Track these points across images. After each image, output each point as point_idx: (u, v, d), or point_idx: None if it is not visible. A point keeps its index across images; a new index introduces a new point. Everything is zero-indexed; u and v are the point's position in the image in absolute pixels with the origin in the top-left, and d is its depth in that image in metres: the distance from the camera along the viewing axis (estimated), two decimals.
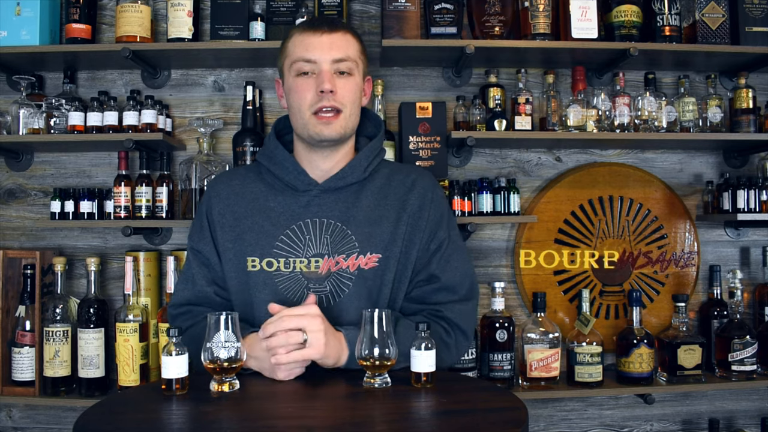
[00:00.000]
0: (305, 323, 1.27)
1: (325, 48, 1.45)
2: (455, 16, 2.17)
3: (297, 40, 1.48)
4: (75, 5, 2.12)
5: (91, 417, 1.10)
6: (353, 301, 1.45)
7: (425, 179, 1.57)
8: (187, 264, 1.56)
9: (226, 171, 1.75)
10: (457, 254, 1.54)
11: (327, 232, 1.47)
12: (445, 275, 1.50)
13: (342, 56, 1.46)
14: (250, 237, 1.49)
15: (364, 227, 1.48)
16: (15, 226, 2.32)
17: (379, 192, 1.52)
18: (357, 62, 1.49)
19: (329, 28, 1.47)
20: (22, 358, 2.06)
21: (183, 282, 1.55)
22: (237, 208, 1.52)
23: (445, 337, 1.46)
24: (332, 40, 1.46)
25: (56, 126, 2.12)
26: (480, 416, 1.11)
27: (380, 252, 1.47)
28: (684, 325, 2.17)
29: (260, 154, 1.58)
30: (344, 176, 1.51)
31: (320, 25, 1.47)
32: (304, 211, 1.49)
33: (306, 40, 1.46)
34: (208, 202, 1.56)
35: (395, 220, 1.49)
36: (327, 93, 1.43)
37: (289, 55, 1.49)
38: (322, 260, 1.46)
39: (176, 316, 1.54)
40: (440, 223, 1.54)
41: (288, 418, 1.09)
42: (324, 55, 1.45)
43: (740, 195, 2.23)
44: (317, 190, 1.50)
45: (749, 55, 2.21)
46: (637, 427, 2.40)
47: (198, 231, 1.55)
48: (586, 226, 2.36)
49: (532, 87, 2.32)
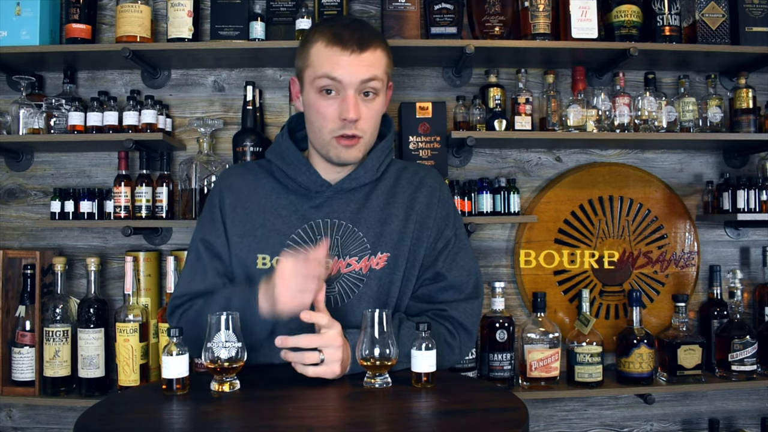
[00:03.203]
0: (324, 344, 1.26)
1: (352, 69, 1.37)
2: (455, 16, 2.17)
3: (323, 53, 1.39)
4: (75, 5, 2.12)
5: (91, 417, 1.10)
6: (363, 300, 1.45)
7: (432, 177, 1.57)
8: (195, 255, 1.51)
9: (238, 164, 1.69)
10: (463, 253, 1.54)
11: (338, 233, 1.46)
12: (451, 274, 1.50)
13: (370, 76, 1.39)
14: (261, 234, 1.47)
15: (375, 227, 1.47)
16: (15, 226, 2.32)
17: (389, 191, 1.52)
18: (383, 80, 1.43)
19: (359, 48, 1.38)
20: (22, 358, 2.06)
21: (191, 273, 1.50)
22: (249, 203, 1.50)
23: (449, 338, 1.46)
24: (361, 60, 1.38)
25: (56, 126, 2.12)
26: (480, 416, 1.11)
27: (389, 251, 1.47)
28: (684, 325, 2.17)
29: (271, 152, 1.54)
30: (357, 177, 1.49)
31: (350, 43, 1.38)
32: (316, 211, 1.48)
33: (333, 56, 1.38)
34: (219, 194, 1.53)
35: (404, 218, 1.49)
36: (350, 122, 1.39)
37: (312, 65, 1.41)
38: (332, 261, 1.45)
39: (178, 306, 1.48)
40: (447, 221, 1.54)
41: (288, 418, 1.09)
42: (351, 77, 1.37)
43: (740, 195, 2.23)
44: (330, 192, 1.49)
45: (749, 55, 2.21)
46: (637, 427, 2.40)
47: (209, 222, 1.51)
48: (586, 226, 2.36)
49: (532, 87, 2.32)
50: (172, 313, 1.49)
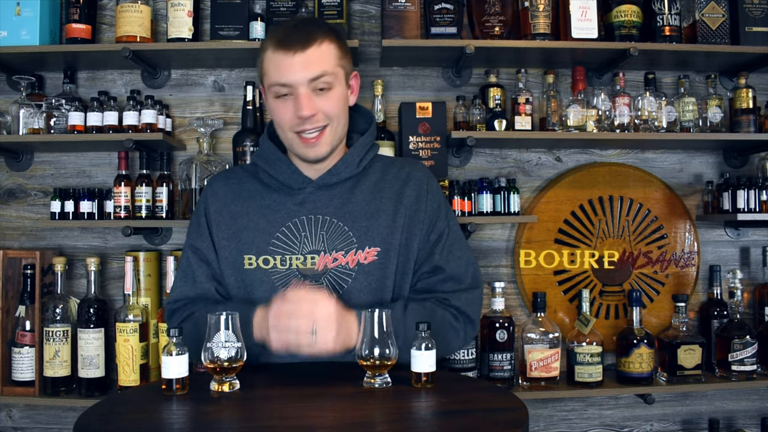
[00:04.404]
0: (316, 312, 1.27)
1: (298, 69, 1.40)
2: (455, 16, 2.17)
3: (270, 60, 1.43)
4: (75, 5, 2.12)
5: (91, 417, 1.10)
6: (356, 295, 1.46)
7: (419, 171, 1.58)
8: (185, 261, 1.56)
9: (224, 170, 1.76)
10: (459, 243, 1.55)
11: (323, 229, 1.48)
12: (449, 266, 1.51)
13: (318, 73, 1.41)
14: (246, 235, 1.50)
15: (361, 222, 1.49)
16: (15, 226, 2.32)
17: (374, 186, 1.53)
18: (336, 72, 1.44)
19: (301, 45, 1.40)
20: (22, 358, 2.06)
21: (182, 279, 1.55)
22: (234, 207, 1.53)
23: (453, 322, 1.48)
24: (306, 58, 1.40)
25: (56, 126, 2.12)
26: (480, 416, 1.11)
27: (379, 245, 1.48)
28: (684, 325, 2.17)
29: (255, 155, 1.60)
30: (338, 172, 1.51)
31: (291, 43, 1.40)
32: (299, 208, 1.50)
33: (279, 61, 1.41)
34: (205, 201, 1.57)
35: (393, 213, 1.50)
36: (305, 119, 1.42)
37: (267, 73, 1.45)
38: (318, 257, 1.46)
39: (175, 310, 1.54)
40: (438, 212, 1.55)
41: (288, 418, 1.09)
42: (298, 77, 1.40)
43: (740, 195, 2.23)
44: (312, 188, 1.51)
45: (749, 55, 2.21)
46: (637, 427, 2.40)
47: (196, 229, 1.56)
48: (586, 226, 2.36)
49: (532, 87, 2.32)
50: (170, 318, 1.56)
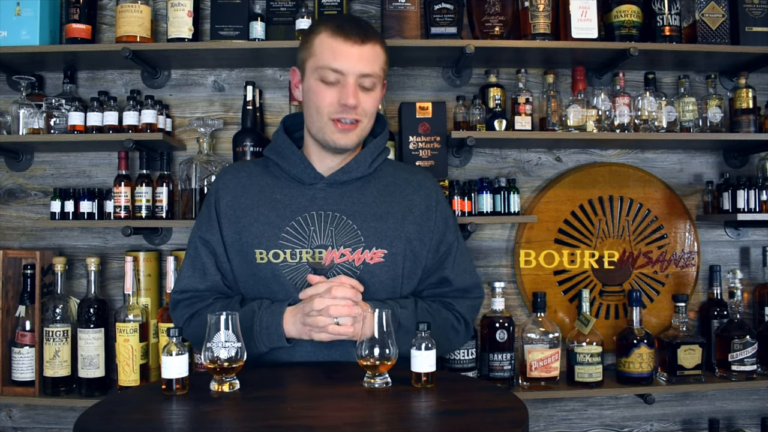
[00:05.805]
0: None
1: (354, 60, 1.44)
2: (455, 16, 2.17)
3: (326, 44, 1.45)
4: (75, 5, 2.12)
5: (91, 417, 1.10)
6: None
7: (429, 180, 1.63)
8: (193, 252, 1.56)
9: (235, 163, 1.76)
10: (465, 256, 1.62)
11: (332, 225, 1.49)
12: (457, 280, 1.58)
13: (369, 71, 1.46)
14: (256, 229, 1.51)
15: (370, 222, 1.50)
16: (15, 226, 2.32)
17: (384, 189, 1.56)
18: (380, 76, 1.50)
19: (361, 39, 1.44)
20: (22, 358, 2.05)
21: (191, 269, 1.55)
22: (244, 200, 1.54)
23: (456, 324, 1.56)
24: (362, 52, 1.44)
25: (56, 126, 2.12)
26: (480, 416, 1.11)
27: (386, 248, 1.49)
28: (684, 325, 2.17)
29: (268, 149, 1.60)
30: (350, 170, 1.53)
31: (352, 34, 1.44)
32: (309, 203, 1.51)
33: (336, 47, 1.44)
34: (216, 193, 1.57)
35: (401, 217, 1.53)
36: (350, 107, 1.44)
37: (315, 55, 1.47)
38: (325, 251, 1.47)
39: (180, 301, 1.55)
40: (448, 225, 1.60)
41: (288, 418, 1.09)
42: (352, 68, 1.44)
43: (740, 195, 2.23)
44: (323, 184, 1.53)
45: (749, 55, 2.21)
46: (637, 427, 2.40)
47: (206, 221, 1.57)
48: (586, 226, 2.36)
49: (532, 87, 2.32)
50: (175, 307, 1.56)
